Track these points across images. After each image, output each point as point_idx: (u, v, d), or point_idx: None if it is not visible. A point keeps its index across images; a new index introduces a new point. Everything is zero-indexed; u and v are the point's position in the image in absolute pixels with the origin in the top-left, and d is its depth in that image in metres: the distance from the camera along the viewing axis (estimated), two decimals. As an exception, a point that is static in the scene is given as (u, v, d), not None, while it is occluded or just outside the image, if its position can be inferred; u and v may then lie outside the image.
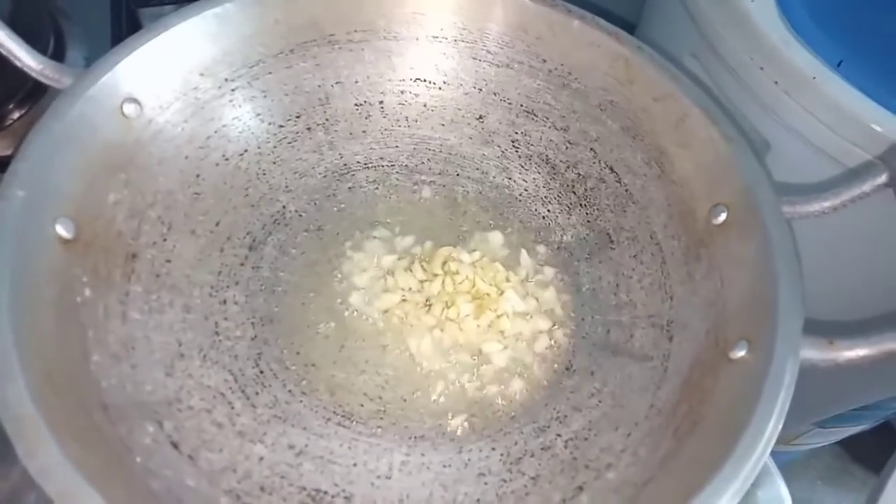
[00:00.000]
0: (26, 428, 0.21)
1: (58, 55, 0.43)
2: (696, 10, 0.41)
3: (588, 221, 0.35)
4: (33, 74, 0.30)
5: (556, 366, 0.31)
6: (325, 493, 0.26)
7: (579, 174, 0.35)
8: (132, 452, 0.24)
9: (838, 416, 0.65)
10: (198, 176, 0.32)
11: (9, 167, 0.26)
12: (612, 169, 0.35)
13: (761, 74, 0.38)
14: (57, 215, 0.27)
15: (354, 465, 0.27)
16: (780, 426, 0.24)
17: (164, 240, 0.31)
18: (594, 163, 0.35)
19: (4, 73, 0.38)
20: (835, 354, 0.26)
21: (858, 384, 0.53)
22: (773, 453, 0.35)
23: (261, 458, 0.26)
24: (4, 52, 0.29)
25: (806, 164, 0.38)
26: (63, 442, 0.21)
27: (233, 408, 0.28)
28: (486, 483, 0.27)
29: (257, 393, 0.28)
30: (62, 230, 0.26)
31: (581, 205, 0.35)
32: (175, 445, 0.25)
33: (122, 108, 0.30)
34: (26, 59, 0.29)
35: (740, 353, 0.27)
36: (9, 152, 0.41)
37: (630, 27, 0.39)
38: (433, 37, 0.36)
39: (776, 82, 0.38)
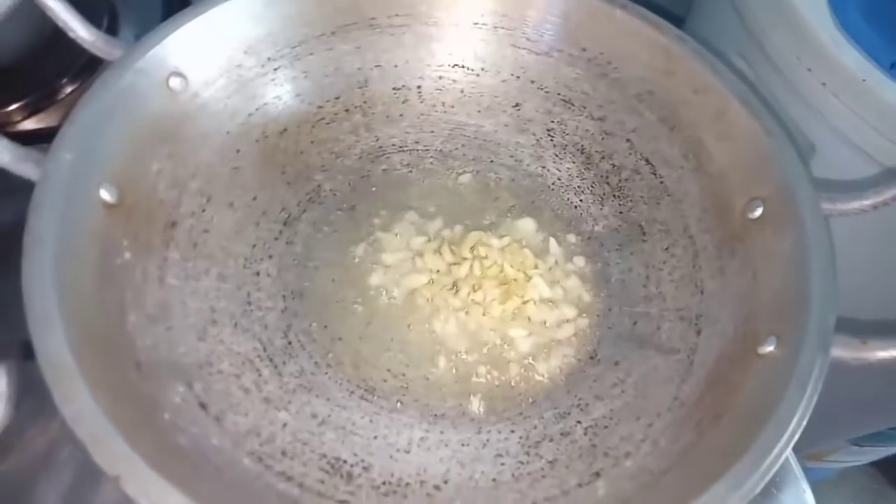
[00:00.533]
0: (63, 376, 0.22)
1: (110, 34, 0.45)
2: (743, 6, 0.40)
3: (621, 213, 0.35)
4: (86, 46, 0.31)
5: (580, 354, 0.31)
6: (345, 461, 0.27)
7: (614, 165, 0.35)
8: (162, 409, 0.25)
9: (875, 435, 0.63)
10: (238, 151, 0.33)
11: (58, 131, 0.27)
12: (647, 160, 0.34)
13: (808, 76, 0.37)
14: (102, 180, 0.28)
15: (375, 437, 0.28)
16: (805, 422, 0.24)
17: (203, 210, 0.31)
18: (630, 154, 0.35)
19: (59, 48, 0.39)
20: (867, 354, 0.25)
21: (898, 401, 0.51)
22: (804, 469, 0.35)
23: (284, 425, 0.27)
24: (61, 24, 0.30)
25: (850, 166, 0.37)
26: (96, 392, 0.21)
27: (260, 375, 0.28)
28: (503, 464, 0.27)
29: (284, 362, 0.29)
30: (106, 195, 0.27)
31: (614, 196, 0.35)
32: (203, 406, 0.26)
33: (168, 81, 0.31)
34: (80, 30, 0.30)
35: (769, 349, 0.26)
36: (61, 123, 0.42)
37: (677, 21, 0.38)
38: (473, 23, 0.36)
39: (824, 84, 0.37)
